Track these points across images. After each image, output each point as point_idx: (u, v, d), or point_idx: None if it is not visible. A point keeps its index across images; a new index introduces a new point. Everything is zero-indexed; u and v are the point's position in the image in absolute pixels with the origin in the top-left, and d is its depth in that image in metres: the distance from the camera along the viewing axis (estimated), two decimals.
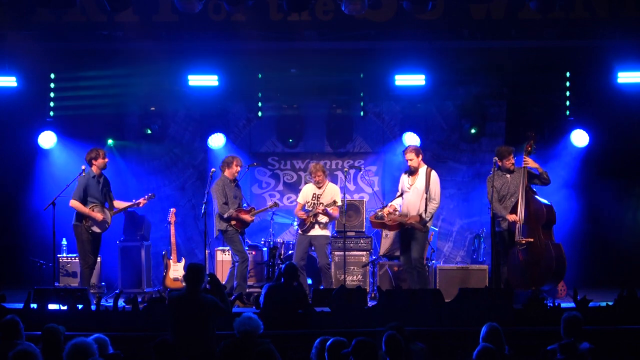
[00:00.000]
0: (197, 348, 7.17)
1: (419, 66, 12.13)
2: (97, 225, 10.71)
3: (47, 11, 11.17)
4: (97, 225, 10.71)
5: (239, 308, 10.29)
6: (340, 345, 6.12)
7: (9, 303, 8.86)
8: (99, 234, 10.77)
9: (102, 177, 10.91)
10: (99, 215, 10.67)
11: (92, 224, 10.65)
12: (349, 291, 9.28)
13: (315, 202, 11.15)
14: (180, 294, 7.58)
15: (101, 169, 10.87)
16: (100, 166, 10.84)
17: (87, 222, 10.63)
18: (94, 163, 10.80)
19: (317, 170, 11.24)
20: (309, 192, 11.29)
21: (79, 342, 5.84)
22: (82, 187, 10.68)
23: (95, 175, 10.81)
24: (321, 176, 11.22)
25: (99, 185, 10.80)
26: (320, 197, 11.18)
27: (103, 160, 10.86)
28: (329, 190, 11.24)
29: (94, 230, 10.69)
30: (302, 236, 11.16)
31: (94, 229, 10.69)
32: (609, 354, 7.71)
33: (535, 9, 10.51)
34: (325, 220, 11.08)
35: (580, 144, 12.87)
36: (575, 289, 9.07)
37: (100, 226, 10.74)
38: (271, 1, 11.20)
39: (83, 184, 10.69)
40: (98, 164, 10.82)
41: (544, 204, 10.39)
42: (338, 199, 11.15)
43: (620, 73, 11.93)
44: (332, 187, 11.39)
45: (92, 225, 10.66)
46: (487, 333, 6.67)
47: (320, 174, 11.22)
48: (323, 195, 11.18)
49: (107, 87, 12.70)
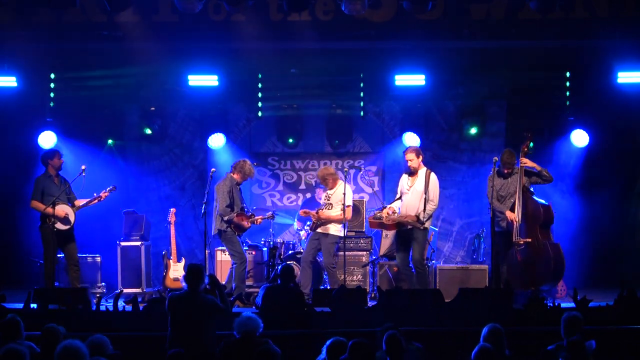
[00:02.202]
0: (197, 348, 7.17)
1: (419, 66, 12.13)
2: (60, 222, 10.68)
3: (47, 11, 11.19)
4: (61, 221, 10.68)
5: (238, 308, 10.29)
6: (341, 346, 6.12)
7: (9, 303, 8.86)
8: (64, 231, 10.71)
9: (58, 177, 10.91)
10: (61, 212, 10.65)
11: (55, 221, 10.62)
12: (349, 291, 9.28)
13: (326, 202, 11.09)
14: (180, 294, 7.58)
15: (57, 169, 10.89)
16: (56, 166, 10.86)
17: (50, 221, 10.60)
18: (49, 163, 10.84)
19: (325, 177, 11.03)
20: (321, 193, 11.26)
21: (70, 345, 5.80)
22: (39, 187, 10.74)
23: (52, 175, 10.83)
24: (329, 182, 11.05)
25: (57, 185, 10.81)
26: (330, 197, 11.09)
27: (59, 160, 10.90)
28: (339, 191, 10.96)
29: (58, 227, 10.64)
30: (312, 233, 11.10)
31: (58, 226, 10.65)
32: (609, 354, 7.71)
33: (535, 9, 10.52)
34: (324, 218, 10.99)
35: (580, 144, 12.87)
36: (575, 289, 9.07)
37: (64, 222, 10.70)
38: (271, 1, 11.21)
39: (40, 185, 10.75)
40: (54, 164, 10.85)
41: (541, 204, 10.40)
42: (347, 200, 10.88)
43: (620, 73, 11.94)
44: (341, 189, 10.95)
45: (56, 222, 10.63)
46: (489, 334, 6.65)
47: (329, 180, 11.03)
48: (334, 195, 11.04)
49: (107, 87, 12.70)
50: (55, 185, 10.81)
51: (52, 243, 10.60)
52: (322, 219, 10.92)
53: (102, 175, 12.54)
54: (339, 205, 10.82)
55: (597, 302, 8.97)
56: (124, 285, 12.00)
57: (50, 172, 10.85)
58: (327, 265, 11.03)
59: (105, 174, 12.50)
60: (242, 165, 11.07)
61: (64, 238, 10.77)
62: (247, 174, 11.07)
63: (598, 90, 12.38)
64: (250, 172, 11.10)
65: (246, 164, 11.10)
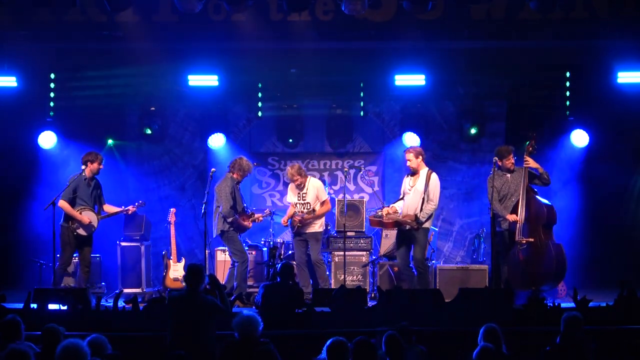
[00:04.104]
0: (197, 348, 7.16)
1: (419, 66, 12.13)
2: (82, 228, 10.70)
3: (47, 11, 11.19)
4: (83, 227, 10.70)
5: (239, 308, 10.29)
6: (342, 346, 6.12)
7: (9, 303, 8.86)
8: (83, 236, 10.75)
9: (93, 180, 10.90)
10: (85, 219, 10.66)
11: (77, 226, 10.65)
12: (349, 291, 9.28)
13: (303, 202, 11.17)
14: (180, 294, 7.58)
15: (94, 173, 10.87)
16: (93, 170, 10.85)
17: (74, 224, 10.62)
18: (88, 165, 10.81)
19: (293, 174, 11.18)
20: (294, 193, 11.31)
21: (70, 344, 5.79)
22: (72, 188, 10.70)
23: (87, 177, 10.81)
24: (298, 179, 11.17)
25: (89, 188, 10.80)
26: (305, 196, 11.19)
27: (99, 166, 10.88)
28: (311, 188, 11.21)
29: (79, 232, 10.68)
30: (297, 236, 11.22)
31: (80, 232, 10.69)
32: (609, 354, 7.71)
33: (535, 9, 10.52)
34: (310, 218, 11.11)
35: (580, 144, 12.87)
36: (575, 289, 9.07)
37: (86, 229, 10.73)
38: (271, 1, 11.22)
39: (73, 185, 10.72)
40: (92, 167, 10.83)
41: (545, 204, 10.39)
42: (322, 195, 11.17)
43: (620, 73, 11.94)
44: (314, 183, 11.35)
45: (78, 227, 10.66)
46: (486, 333, 6.67)
47: (297, 177, 11.16)
48: (307, 194, 11.18)
49: (107, 87, 12.70)
50: (87, 189, 10.77)
51: (69, 245, 10.64)
52: (306, 220, 11.03)
53: (102, 176, 12.53)
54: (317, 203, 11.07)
55: (597, 302, 8.98)
56: (124, 285, 12.01)
57: (86, 175, 10.81)
58: (316, 261, 11.09)
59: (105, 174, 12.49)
60: (239, 163, 11.08)
61: (83, 241, 10.79)
62: (245, 170, 11.09)
63: (598, 90, 12.37)
64: (248, 168, 11.13)
65: (243, 161, 11.14)
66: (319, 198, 11.18)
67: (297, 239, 11.23)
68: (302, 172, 11.25)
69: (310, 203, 11.14)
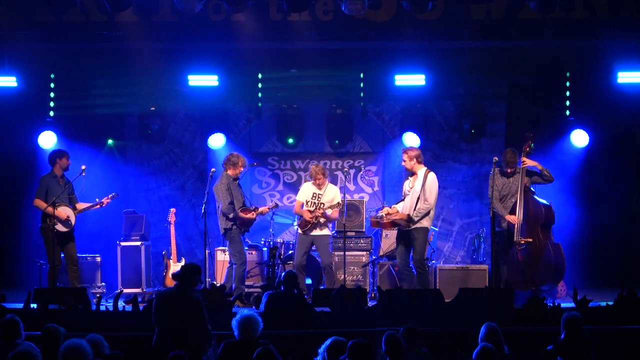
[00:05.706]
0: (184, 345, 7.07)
1: (419, 66, 12.12)
2: (61, 224, 10.70)
3: (47, 11, 11.20)
4: (62, 223, 10.70)
5: (238, 308, 10.28)
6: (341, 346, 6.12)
7: (9, 303, 8.86)
8: (64, 232, 10.74)
9: (63, 178, 10.92)
10: (62, 214, 10.67)
11: (55, 222, 10.63)
12: (349, 291, 9.27)
13: (317, 202, 11.16)
14: (169, 291, 7.59)
15: (64, 169, 10.92)
16: (63, 166, 10.91)
17: (51, 221, 10.61)
18: (57, 162, 10.88)
19: (318, 172, 11.25)
20: (309, 191, 11.30)
21: (73, 344, 5.80)
22: (43, 186, 10.75)
23: (57, 175, 10.84)
24: (321, 178, 11.25)
25: (60, 186, 10.81)
26: (321, 196, 11.20)
27: (67, 161, 10.95)
28: (330, 191, 11.27)
29: (59, 229, 10.67)
30: (303, 236, 11.16)
31: (58, 228, 10.67)
32: (609, 354, 7.71)
33: (535, 9, 10.52)
34: (323, 220, 11.13)
35: (580, 144, 12.86)
36: (575, 289, 9.06)
37: (64, 224, 10.72)
38: (271, 1, 11.22)
39: (44, 184, 10.75)
40: (62, 163, 10.90)
41: (543, 204, 10.40)
42: (338, 198, 11.22)
43: (620, 73, 11.94)
44: (333, 187, 11.43)
45: (56, 223, 10.64)
46: (486, 333, 6.67)
47: (320, 176, 11.23)
48: (324, 195, 11.20)
49: (107, 87, 12.71)
50: (59, 186, 10.82)
51: (53, 244, 10.61)
52: (319, 217, 11.01)
53: (102, 175, 12.58)
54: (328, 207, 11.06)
55: (597, 302, 8.98)
56: (124, 285, 12.00)
57: (56, 172, 10.87)
58: (327, 264, 11.07)
59: (105, 174, 12.50)
60: (232, 161, 11.12)
61: (64, 238, 10.80)
62: (237, 164, 11.10)
63: (598, 90, 12.37)
64: (240, 161, 11.12)
65: (232, 156, 11.19)
66: (333, 201, 11.18)
67: (303, 237, 11.19)
68: (325, 172, 11.37)
69: (324, 204, 11.12)
